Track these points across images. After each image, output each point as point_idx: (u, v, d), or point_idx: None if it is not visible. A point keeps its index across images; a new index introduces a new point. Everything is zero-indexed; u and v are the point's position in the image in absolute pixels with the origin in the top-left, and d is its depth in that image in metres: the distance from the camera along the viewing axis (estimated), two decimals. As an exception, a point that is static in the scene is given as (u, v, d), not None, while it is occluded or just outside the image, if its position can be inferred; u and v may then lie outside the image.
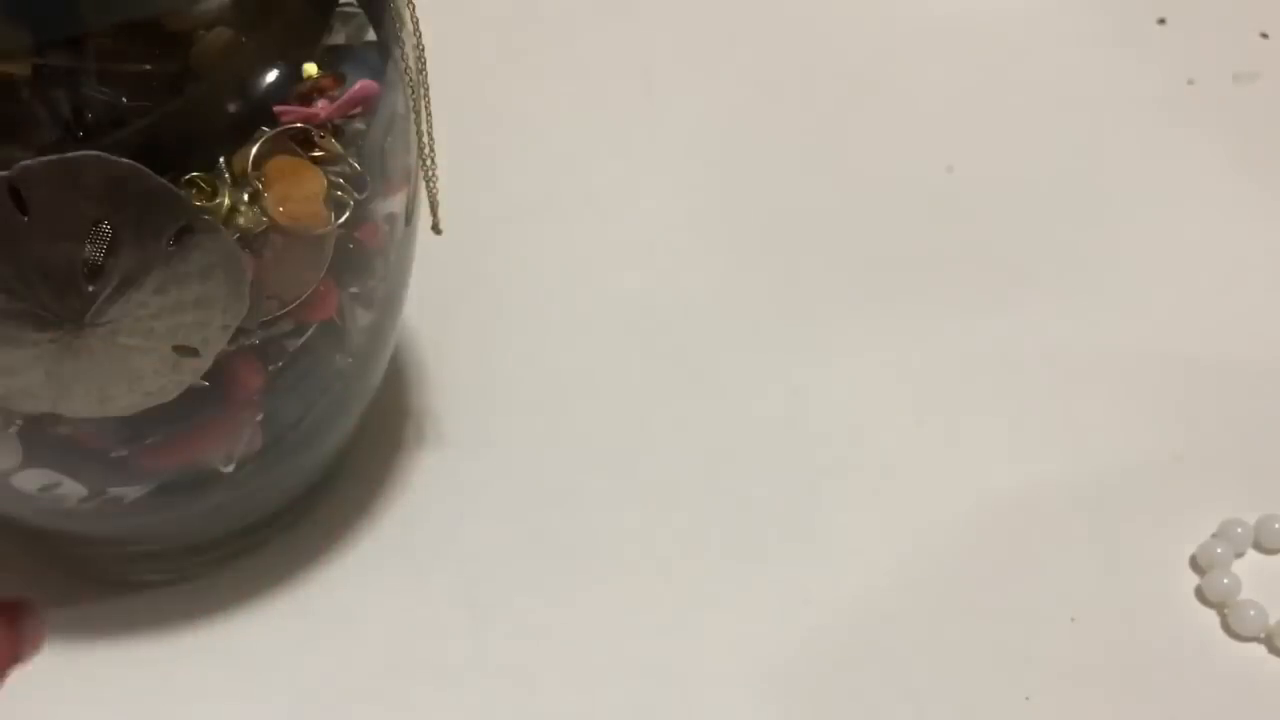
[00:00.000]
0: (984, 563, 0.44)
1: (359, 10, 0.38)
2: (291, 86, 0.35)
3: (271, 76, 0.35)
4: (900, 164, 0.57)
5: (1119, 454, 0.47)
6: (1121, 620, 0.42)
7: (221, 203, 0.34)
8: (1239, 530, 0.44)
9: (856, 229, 0.55)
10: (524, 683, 0.41)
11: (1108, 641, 0.42)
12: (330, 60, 0.36)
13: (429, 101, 0.39)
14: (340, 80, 0.36)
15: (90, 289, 0.33)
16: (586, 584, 0.43)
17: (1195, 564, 0.44)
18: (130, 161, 0.32)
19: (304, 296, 0.37)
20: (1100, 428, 0.47)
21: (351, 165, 0.37)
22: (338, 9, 0.37)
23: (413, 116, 0.39)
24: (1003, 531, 0.45)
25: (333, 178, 0.36)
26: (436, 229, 0.41)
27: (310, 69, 0.35)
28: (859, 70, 0.62)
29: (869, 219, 0.55)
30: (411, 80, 0.38)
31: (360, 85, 0.36)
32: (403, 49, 0.38)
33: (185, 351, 0.35)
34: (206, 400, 0.37)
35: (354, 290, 0.40)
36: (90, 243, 0.33)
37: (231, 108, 0.35)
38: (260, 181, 0.35)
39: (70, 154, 0.32)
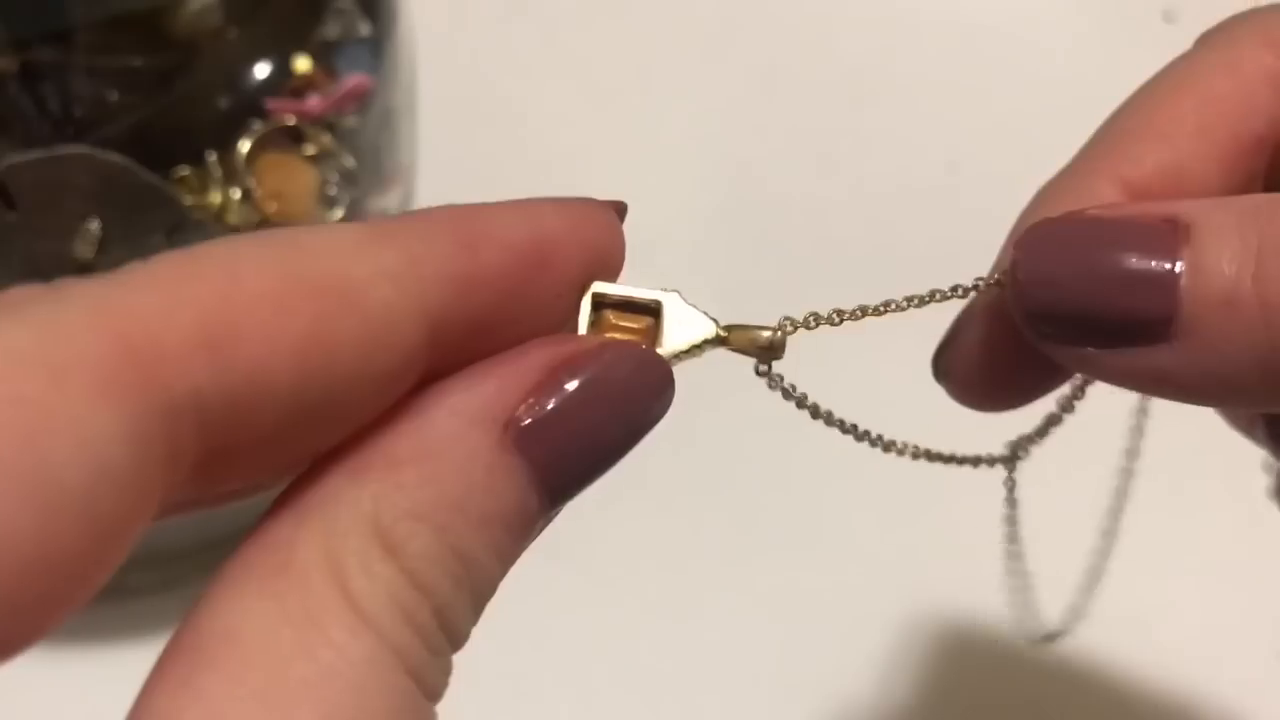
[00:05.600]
0: (984, 562, 0.43)
1: (352, 5, 0.37)
2: (283, 81, 0.35)
3: (263, 71, 0.35)
4: (901, 161, 0.57)
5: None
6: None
7: (212, 199, 0.34)
8: None
9: (857, 227, 0.54)
10: (524, 683, 0.41)
11: (1108, 639, 0.42)
12: (323, 55, 0.36)
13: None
14: (333, 75, 0.36)
15: (80, 287, 0.33)
16: (586, 586, 0.43)
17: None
18: (120, 158, 0.32)
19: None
20: (1100, 427, 0.47)
21: (344, 161, 0.36)
22: (331, 3, 0.37)
23: (405, 112, 0.39)
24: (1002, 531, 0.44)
25: (325, 173, 0.36)
26: None
27: (303, 63, 0.35)
28: (859, 68, 0.61)
29: (870, 217, 0.55)
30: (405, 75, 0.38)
31: (353, 80, 0.36)
32: (396, 44, 0.38)
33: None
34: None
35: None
36: (79, 240, 0.32)
37: (223, 103, 0.34)
38: (252, 178, 0.34)
39: (59, 151, 0.31)
